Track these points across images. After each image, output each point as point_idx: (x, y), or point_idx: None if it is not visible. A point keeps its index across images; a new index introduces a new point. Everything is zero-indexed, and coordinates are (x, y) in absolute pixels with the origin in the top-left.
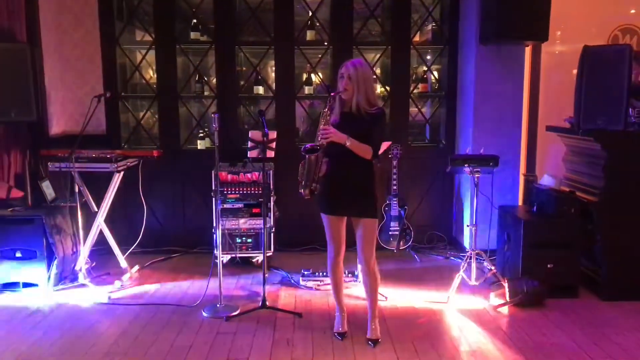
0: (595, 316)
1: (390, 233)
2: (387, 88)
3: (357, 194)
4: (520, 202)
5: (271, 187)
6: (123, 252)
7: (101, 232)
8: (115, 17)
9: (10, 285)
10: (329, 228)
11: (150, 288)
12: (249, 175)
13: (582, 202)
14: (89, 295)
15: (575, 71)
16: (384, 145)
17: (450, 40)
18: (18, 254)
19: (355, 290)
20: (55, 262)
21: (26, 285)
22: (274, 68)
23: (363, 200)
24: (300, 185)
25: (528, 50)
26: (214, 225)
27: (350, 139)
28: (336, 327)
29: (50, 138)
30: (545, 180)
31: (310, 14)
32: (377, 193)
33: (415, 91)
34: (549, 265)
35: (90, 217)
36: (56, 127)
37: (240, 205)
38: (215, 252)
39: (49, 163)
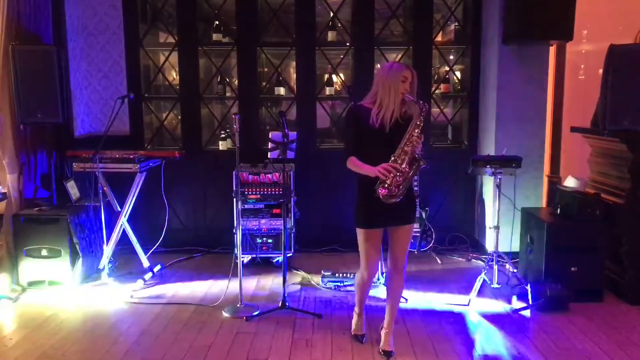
0: (620, 321)
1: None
2: None
3: (404, 201)
4: (543, 204)
5: (292, 187)
6: (145, 252)
7: (124, 232)
8: (140, 20)
9: (35, 283)
10: (371, 243)
11: (172, 287)
12: (269, 176)
13: (607, 204)
14: (111, 294)
15: (601, 71)
16: None
17: (472, 40)
18: (43, 253)
19: (374, 292)
20: (80, 260)
21: (51, 283)
22: (295, 69)
23: (410, 207)
24: (399, 191)
25: (552, 50)
26: (235, 225)
27: None
28: (357, 328)
29: (76, 139)
30: (570, 181)
31: (332, 14)
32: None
33: (437, 91)
34: (572, 269)
35: (113, 217)
36: (81, 128)
37: (260, 205)
38: (236, 252)
39: (73, 163)
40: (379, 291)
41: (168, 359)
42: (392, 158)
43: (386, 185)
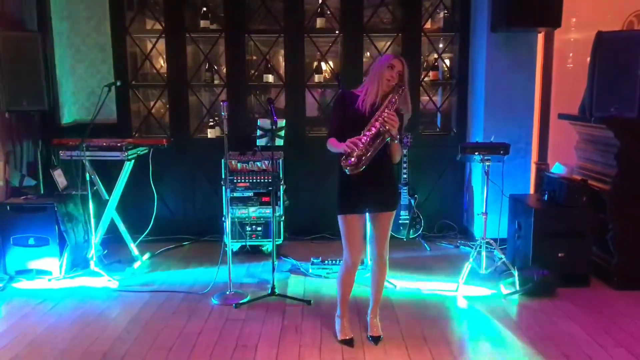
0: (606, 305)
1: (400, 222)
2: None
3: (384, 187)
4: (531, 191)
5: (281, 175)
6: (134, 240)
7: (112, 220)
8: (126, 6)
9: (23, 272)
10: (353, 230)
11: (161, 275)
12: (258, 163)
13: (594, 190)
14: (100, 282)
15: (589, 58)
16: None
17: (461, 27)
18: (31, 241)
19: (360, 279)
20: (68, 249)
21: (39, 272)
22: (284, 56)
23: (390, 193)
24: (360, 161)
25: (540, 37)
26: (224, 213)
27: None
28: (344, 333)
29: (62, 127)
30: (557, 168)
31: (320, 1)
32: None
33: (426, 79)
34: (559, 254)
35: (101, 205)
36: (68, 116)
37: (250, 193)
38: (225, 240)
39: (60, 152)
40: (365, 278)
41: (157, 345)
42: (362, 133)
43: (350, 158)
